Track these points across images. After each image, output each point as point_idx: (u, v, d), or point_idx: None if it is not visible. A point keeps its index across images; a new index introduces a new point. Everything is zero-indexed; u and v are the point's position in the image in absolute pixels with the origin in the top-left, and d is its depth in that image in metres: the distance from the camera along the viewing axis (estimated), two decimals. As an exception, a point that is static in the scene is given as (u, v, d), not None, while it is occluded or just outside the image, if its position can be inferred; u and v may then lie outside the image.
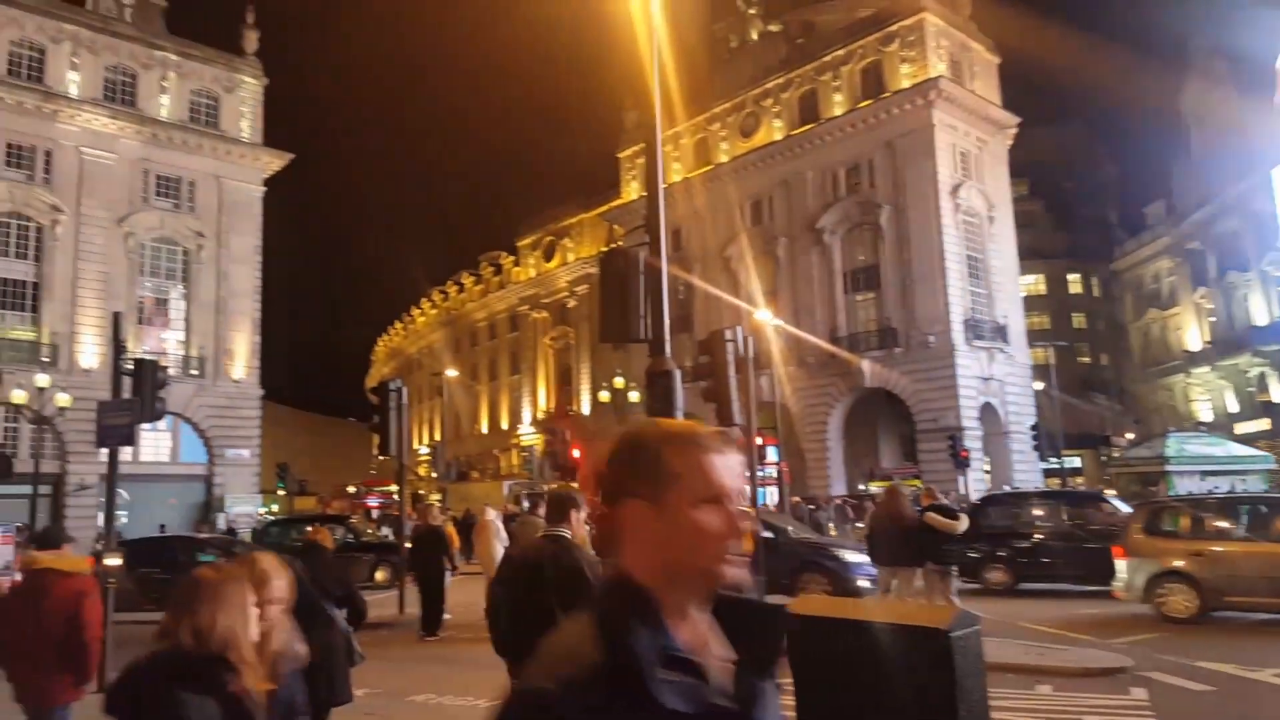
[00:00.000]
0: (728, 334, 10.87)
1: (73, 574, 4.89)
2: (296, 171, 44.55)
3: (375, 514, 38.65)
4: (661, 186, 7.77)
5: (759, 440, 31.75)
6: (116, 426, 9.81)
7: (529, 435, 62.92)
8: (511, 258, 69.14)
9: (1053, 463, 32.66)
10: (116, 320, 11.15)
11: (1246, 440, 35.51)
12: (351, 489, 55.30)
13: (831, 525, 26.21)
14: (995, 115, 42.62)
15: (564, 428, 27.06)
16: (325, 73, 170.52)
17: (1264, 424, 41.52)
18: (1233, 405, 46.26)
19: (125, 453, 10.65)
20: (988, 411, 38.72)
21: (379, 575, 19.35)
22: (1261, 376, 43.51)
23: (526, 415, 64.81)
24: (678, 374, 7.30)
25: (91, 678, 4.76)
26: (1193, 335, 49.89)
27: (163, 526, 27.49)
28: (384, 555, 19.99)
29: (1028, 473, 36.79)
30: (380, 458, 44.62)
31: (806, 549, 14.26)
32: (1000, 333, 39.82)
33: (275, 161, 39.11)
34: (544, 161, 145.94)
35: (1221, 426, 43.10)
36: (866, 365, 39.81)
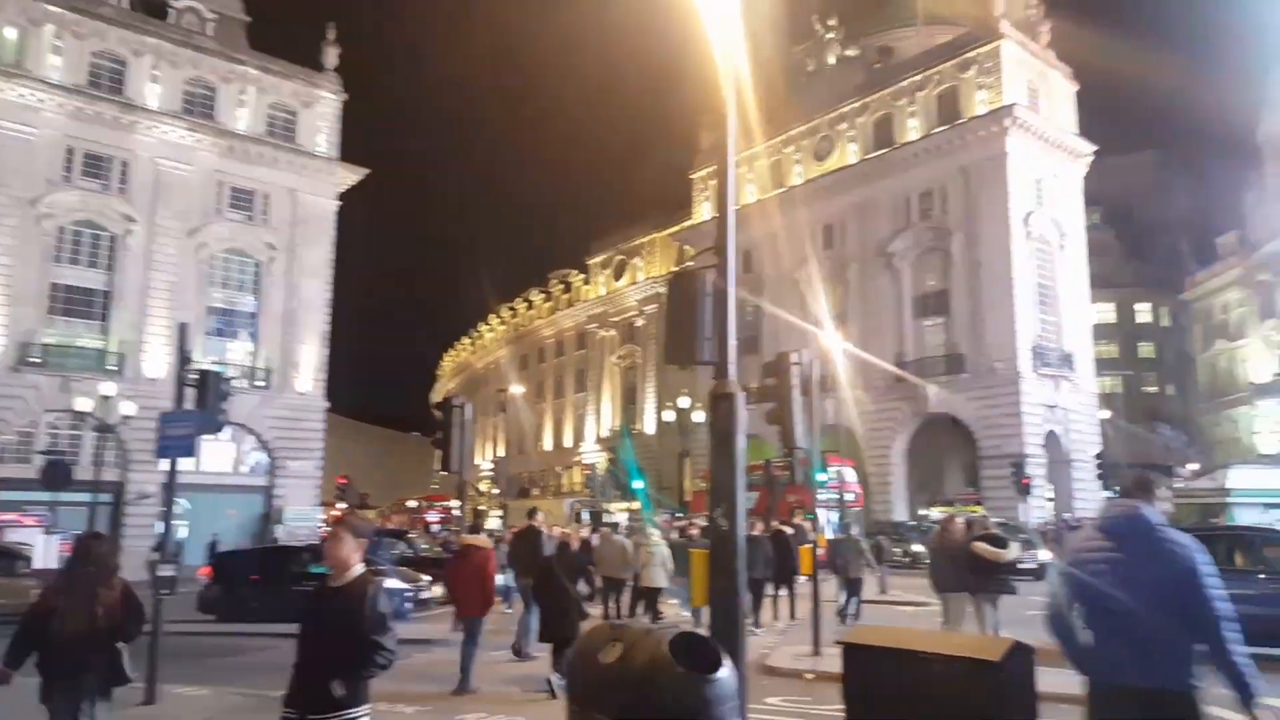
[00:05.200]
0: (793, 357, 10.78)
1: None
2: (371, 187, 45.66)
3: (437, 529, 38.95)
4: (733, 208, 7.67)
5: (833, 464, 31.85)
6: (178, 437, 9.85)
7: (592, 453, 63.17)
8: (582, 276, 69.78)
9: (1115, 492, 31.61)
10: (183, 330, 11.23)
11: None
12: (412, 503, 55.66)
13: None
14: (1070, 143, 41.78)
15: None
16: (405, 91, 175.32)
17: (1332, 457, 39.86)
18: (1304, 438, 44.51)
19: (187, 462, 10.67)
20: (1051, 439, 37.98)
21: (435, 591, 18.45)
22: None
23: (590, 433, 65.07)
24: (741, 397, 7.18)
25: None
26: (1260, 368, 48.22)
27: (214, 539, 27.37)
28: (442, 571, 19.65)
29: (1089, 502, 35.89)
30: (442, 473, 45.26)
31: None
32: (1067, 361, 38.91)
33: (350, 176, 39.82)
34: (618, 181, 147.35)
35: (1290, 459, 41.37)
36: (932, 390, 39.28)
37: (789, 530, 16.68)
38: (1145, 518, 3.87)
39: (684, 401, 37.43)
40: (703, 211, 52.29)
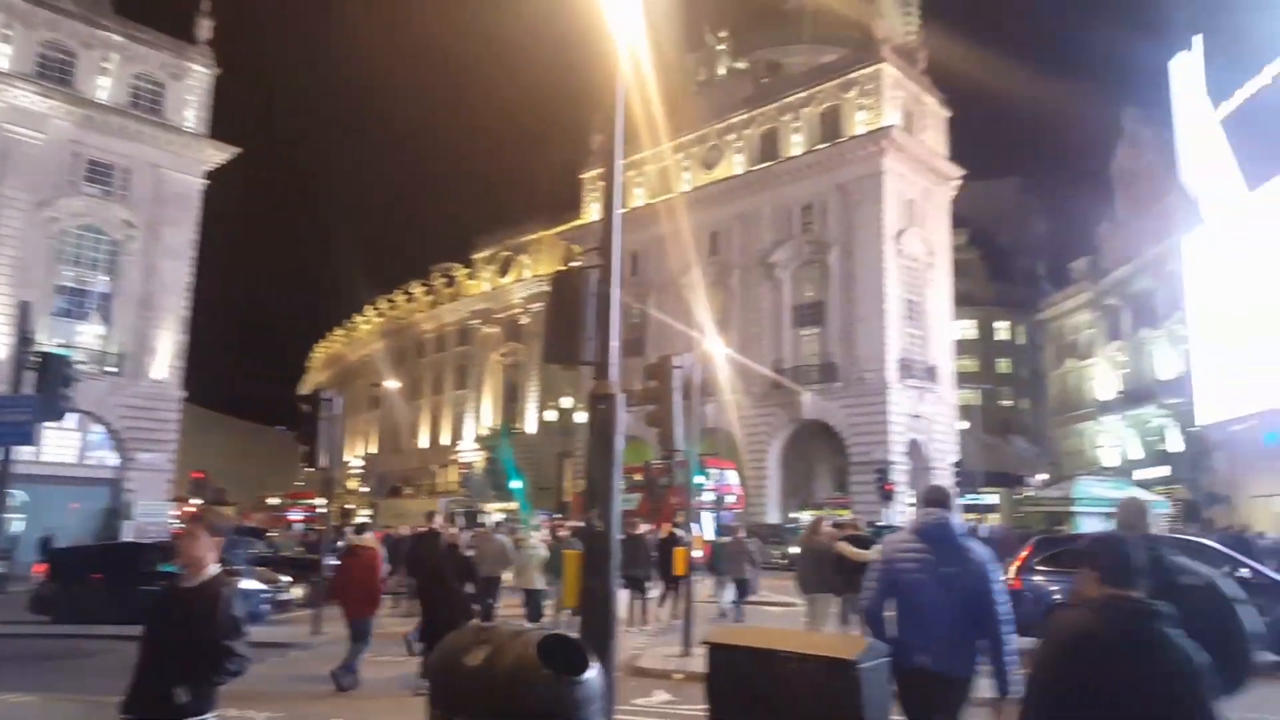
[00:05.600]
0: (675, 360, 10.94)
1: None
2: (245, 168, 43.33)
3: (300, 527, 37.40)
4: (619, 210, 7.70)
5: (716, 467, 32.50)
6: (14, 424, 9.22)
7: (470, 451, 62.06)
8: (466, 270, 68.43)
9: (971, 499, 33.67)
10: (24, 309, 10.54)
11: (1145, 485, 37.29)
12: (274, 500, 53.05)
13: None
14: (941, 167, 44.08)
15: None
16: (287, 72, 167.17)
17: (1163, 471, 43.70)
18: (1136, 453, 48.45)
19: (24, 451, 9.96)
20: (914, 448, 39.90)
21: (295, 592, 17.18)
22: (1163, 427, 45.66)
23: (469, 431, 63.90)
24: (621, 398, 7.22)
25: None
26: (1105, 385, 52.15)
27: (48, 534, 24.83)
28: (304, 572, 18.11)
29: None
30: (308, 469, 43.43)
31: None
32: (931, 373, 41.00)
33: (220, 155, 37.86)
34: (506, 176, 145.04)
35: (1124, 472, 45.06)
36: (807, 398, 40.66)
37: (680, 533, 16.89)
38: (952, 526, 4.41)
39: (566, 401, 37.39)
40: (592, 212, 52.33)
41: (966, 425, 45.06)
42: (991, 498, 52.06)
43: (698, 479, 23.59)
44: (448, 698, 2.62)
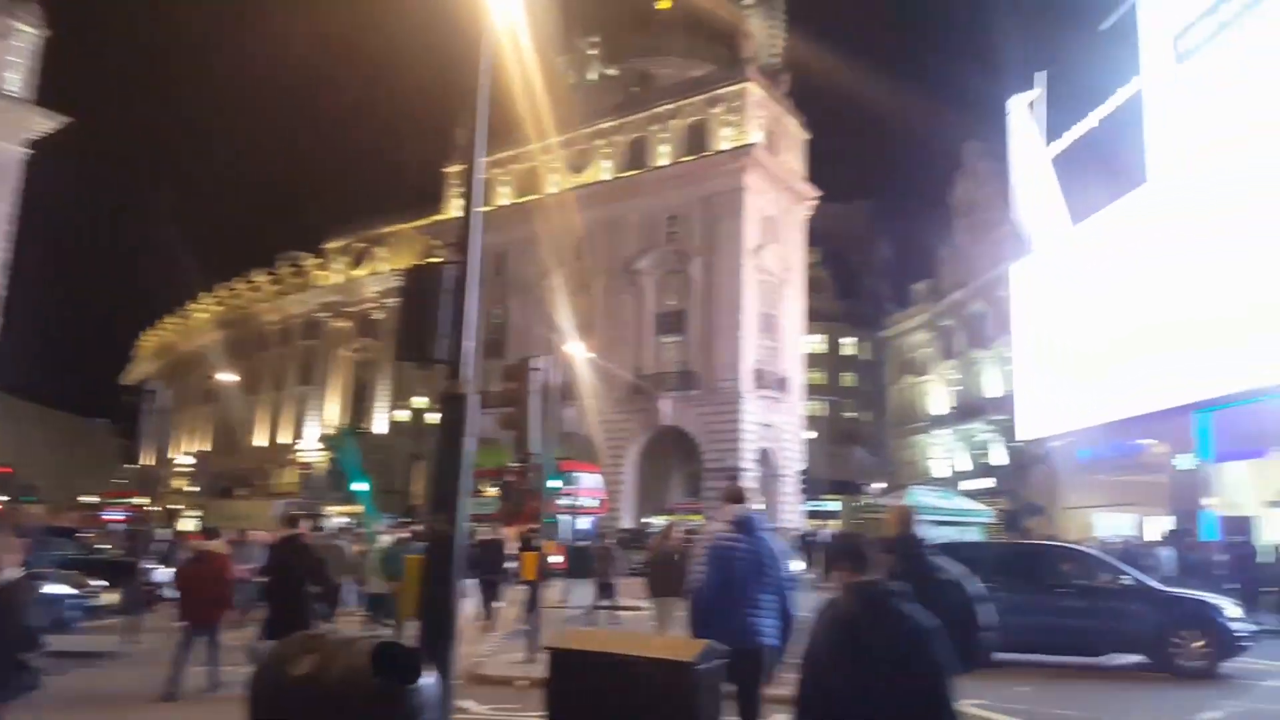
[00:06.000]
0: (534, 362, 10.84)
1: None
2: (77, 140, 39.69)
3: (121, 528, 34.52)
4: (479, 206, 7.56)
5: (580, 470, 32.41)
6: None
7: (312, 451, 59.26)
8: (316, 260, 65.33)
9: (814, 505, 35.23)
10: None
11: (972, 495, 40.24)
12: (91, 499, 48.56)
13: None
14: (799, 186, 45.91)
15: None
16: (131, 40, 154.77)
17: (988, 482, 47.24)
18: (964, 464, 52.12)
19: None
20: (765, 455, 41.28)
21: (109, 599, 15.53)
22: (988, 441, 49.33)
23: (313, 430, 61.01)
24: (474, 399, 7.09)
25: None
26: (938, 401, 55.81)
27: None
28: (121, 576, 16.12)
29: (793, 513, 39.80)
30: (129, 466, 40.18)
31: (1182, 602, 12.09)
32: (783, 384, 42.59)
33: (46, 123, 34.60)
34: (366, 165, 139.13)
35: (952, 482, 48.34)
36: (666, 404, 41.29)
37: (550, 537, 16.74)
38: (755, 517, 5.51)
39: (420, 401, 36.36)
40: (454, 207, 51.29)
41: (814, 435, 47.10)
42: (834, 504, 54.79)
43: (553, 483, 23.52)
44: (269, 711, 2.47)
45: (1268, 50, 25.37)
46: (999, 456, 48.15)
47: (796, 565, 21.70)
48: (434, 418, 34.95)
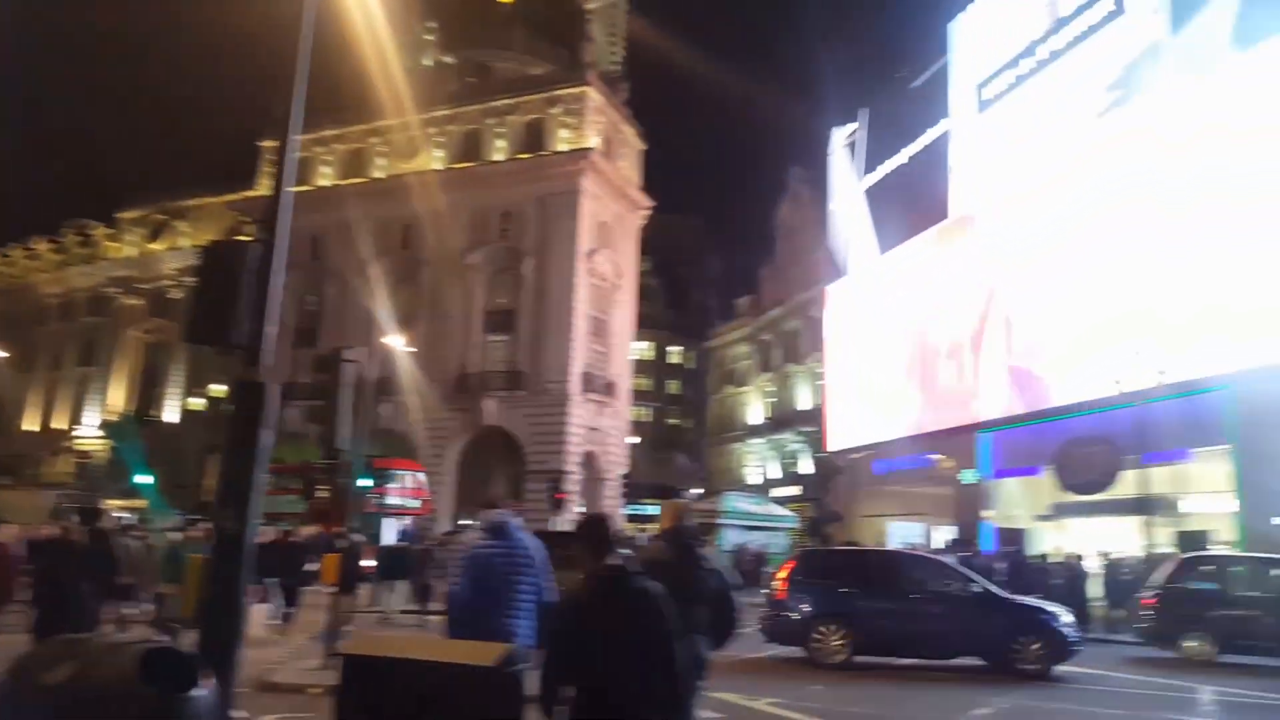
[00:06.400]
0: (348, 353, 10.34)
1: None
2: None
3: None
4: (291, 183, 7.10)
5: (403, 469, 31.04)
6: None
7: (92, 438, 53.73)
8: (107, 230, 59.30)
9: (635, 509, 35.75)
10: None
11: (780, 502, 42.36)
12: None
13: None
14: (634, 195, 46.54)
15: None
16: None
17: (795, 490, 49.96)
18: (775, 473, 54.82)
19: None
20: (589, 459, 41.43)
21: None
22: (797, 451, 52.16)
23: (93, 415, 55.29)
24: (274, 389, 6.58)
25: None
26: (754, 412, 58.40)
27: None
28: None
29: (614, 516, 40.18)
30: None
31: (1023, 610, 12.94)
32: (610, 389, 42.94)
33: None
34: (173, 130, 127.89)
35: (764, 489, 50.77)
36: (490, 404, 40.56)
37: (359, 538, 15.91)
38: (510, 521, 5.69)
39: (218, 389, 33.80)
40: (268, 184, 48.29)
41: (637, 440, 47.83)
42: (654, 509, 56.01)
43: (363, 482, 22.47)
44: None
45: (1056, 104, 28.29)
46: (807, 466, 50.85)
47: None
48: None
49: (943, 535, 29.98)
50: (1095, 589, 19.56)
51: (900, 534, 31.54)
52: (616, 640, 3.62)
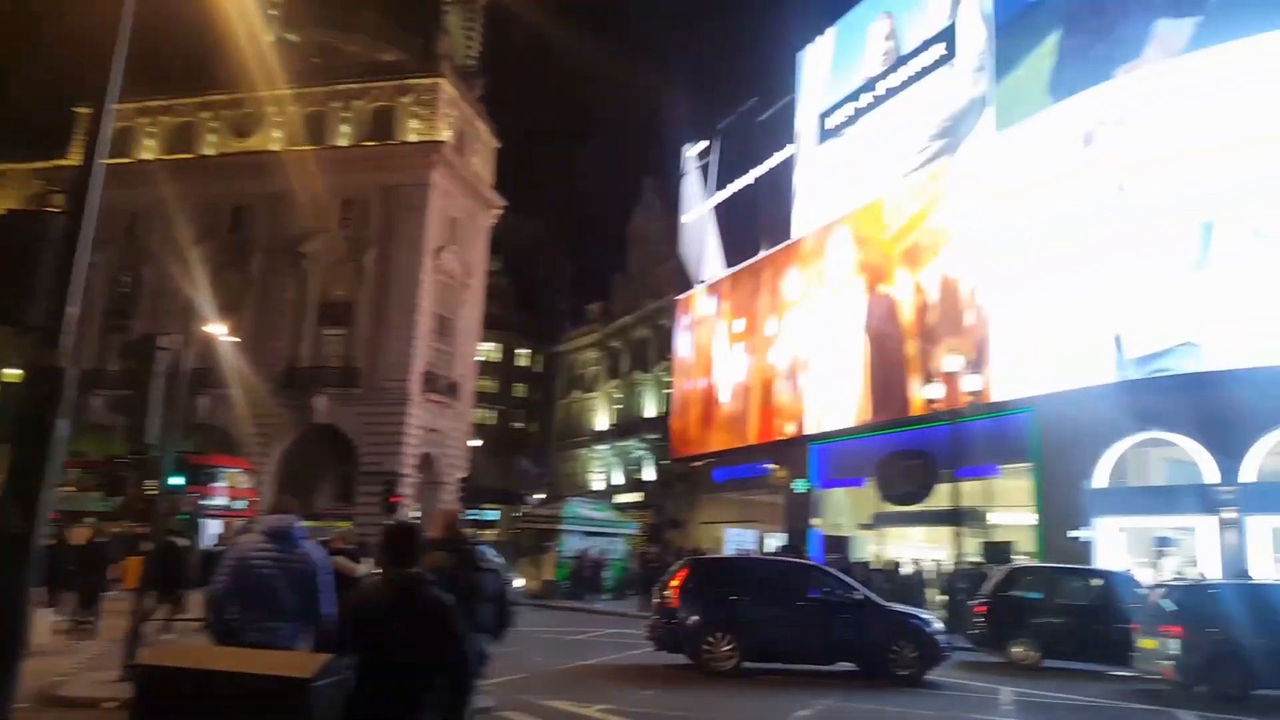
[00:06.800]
0: (162, 340, 9.66)
1: None
2: None
3: None
4: (104, 153, 6.55)
5: (225, 466, 28.85)
6: None
7: None
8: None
9: (474, 515, 35.02)
10: None
11: (622, 509, 42.80)
12: None
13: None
14: (486, 193, 45.72)
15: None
16: None
17: (638, 496, 50.49)
18: (618, 479, 55.37)
19: None
20: (427, 461, 40.20)
21: None
22: (641, 458, 52.91)
23: None
24: (72, 374, 5.99)
25: None
26: (600, 418, 58.78)
27: None
28: None
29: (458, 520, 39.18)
30: None
31: (900, 617, 13.49)
32: (453, 390, 41.89)
33: None
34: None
35: (606, 495, 51.14)
36: (322, 401, 38.62)
37: (184, 541, 14.69)
38: (294, 528, 5.43)
39: (12, 373, 30.39)
40: (80, 153, 44.21)
41: (479, 443, 46.92)
42: (494, 514, 55.42)
43: (175, 479, 20.86)
44: None
45: (888, 142, 30.10)
46: (650, 473, 51.57)
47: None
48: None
49: (774, 542, 31.09)
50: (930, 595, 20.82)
51: (735, 540, 32.45)
52: (405, 643, 3.89)
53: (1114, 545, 21.08)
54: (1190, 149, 20.10)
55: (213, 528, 26.45)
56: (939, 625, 13.57)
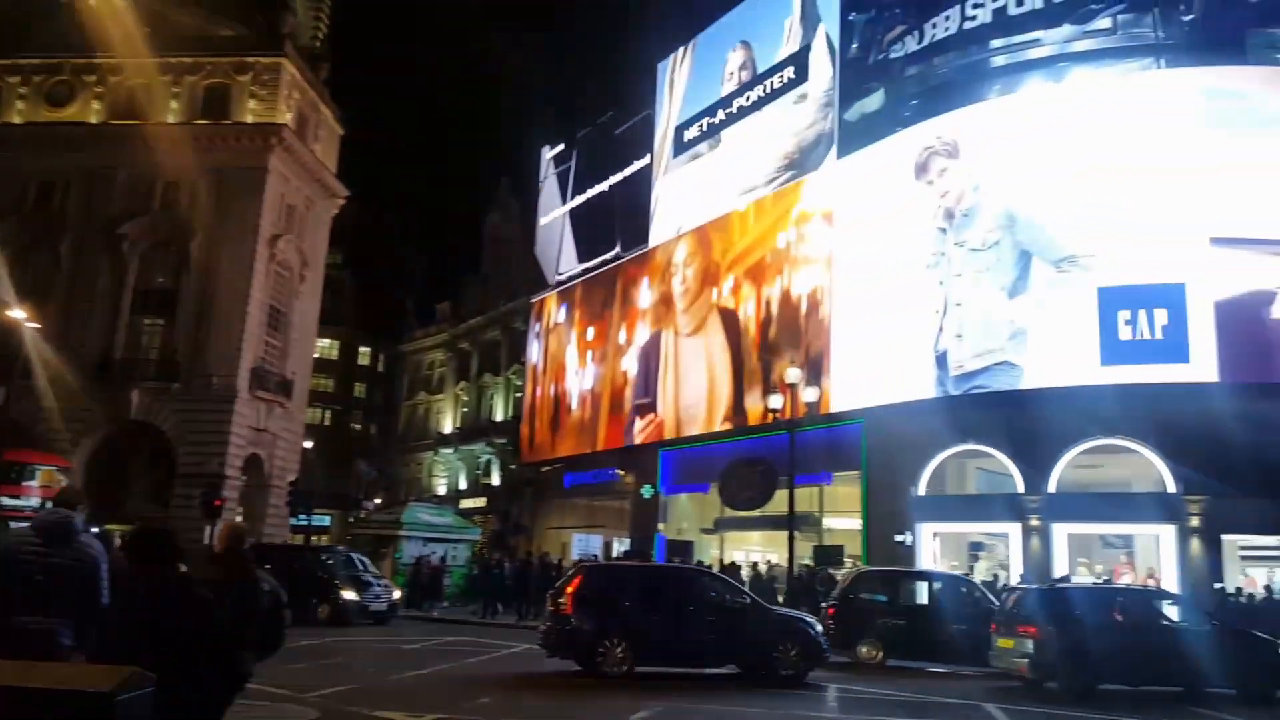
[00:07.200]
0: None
1: None
2: None
3: None
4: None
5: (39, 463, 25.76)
6: None
7: None
8: None
9: (303, 520, 33.23)
10: None
11: (467, 514, 41.85)
12: None
13: None
14: (329, 181, 43.46)
15: None
16: None
17: (482, 501, 49.57)
18: (464, 483, 54.15)
19: None
20: (254, 462, 37.75)
21: None
22: (488, 462, 52.00)
23: None
24: None
25: None
26: (447, 421, 57.31)
27: None
28: None
29: (279, 527, 37.13)
30: None
31: (784, 619, 14.19)
32: (285, 388, 39.53)
33: None
34: None
35: (451, 500, 49.94)
36: (137, 395, 35.50)
37: None
38: (74, 524, 5.12)
39: None
40: None
41: (311, 444, 44.49)
42: (326, 519, 52.95)
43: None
44: None
45: (744, 155, 30.94)
46: (496, 477, 50.67)
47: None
48: None
49: (620, 547, 31.22)
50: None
51: (582, 545, 32.38)
52: (161, 634, 4.08)
53: (931, 549, 22.44)
54: (1013, 182, 21.73)
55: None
56: (819, 626, 14.20)
